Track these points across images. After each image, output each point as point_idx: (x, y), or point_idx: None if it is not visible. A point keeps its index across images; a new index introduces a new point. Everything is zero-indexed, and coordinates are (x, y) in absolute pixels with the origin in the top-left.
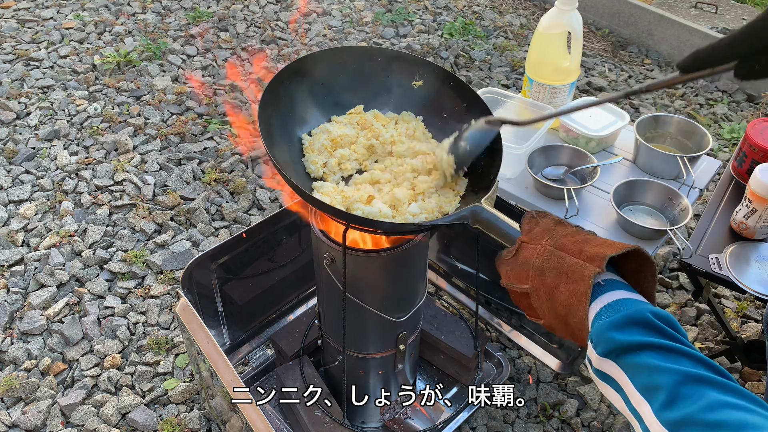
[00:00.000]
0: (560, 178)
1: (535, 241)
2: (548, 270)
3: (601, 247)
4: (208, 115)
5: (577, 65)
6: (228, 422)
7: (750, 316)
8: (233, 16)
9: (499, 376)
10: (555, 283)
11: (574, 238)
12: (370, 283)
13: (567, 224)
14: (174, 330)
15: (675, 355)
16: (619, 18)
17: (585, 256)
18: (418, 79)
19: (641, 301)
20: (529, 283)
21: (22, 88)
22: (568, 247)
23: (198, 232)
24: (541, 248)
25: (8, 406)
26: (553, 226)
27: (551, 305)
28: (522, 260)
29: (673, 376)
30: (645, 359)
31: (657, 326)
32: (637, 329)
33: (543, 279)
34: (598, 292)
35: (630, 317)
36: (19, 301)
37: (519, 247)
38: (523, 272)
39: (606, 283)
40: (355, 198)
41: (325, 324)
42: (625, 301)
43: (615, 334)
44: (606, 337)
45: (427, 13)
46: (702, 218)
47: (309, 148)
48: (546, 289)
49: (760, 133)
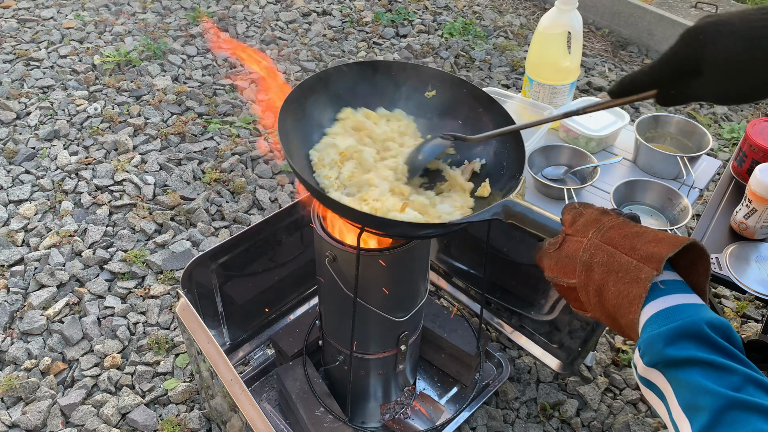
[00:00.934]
0: (560, 178)
1: (580, 234)
2: (596, 266)
3: (656, 244)
4: (208, 114)
5: (577, 65)
6: (228, 422)
7: (750, 316)
8: (233, 16)
9: (499, 376)
10: (604, 280)
11: (622, 231)
12: (372, 283)
13: (612, 214)
14: (174, 330)
15: (724, 373)
16: (619, 18)
17: (638, 254)
18: (431, 89)
19: (698, 306)
20: (576, 278)
21: (22, 88)
22: (618, 241)
23: (198, 232)
24: (588, 242)
25: (8, 406)
26: (599, 216)
27: (600, 301)
28: (567, 254)
29: (718, 400)
30: (692, 376)
31: (710, 339)
32: (689, 343)
33: (591, 275)
34: (653, 296)
35: (683, 329)
36: (19, 301)
37: (563, 240)
38: (569, 266)
39: (663, 285)
40: (388, 208)
41: (326, 324)
42: (680, 308)
43: (665, 347)
44: (655, 350)
45: (427, 13)
46: (702, 218)
47: (319, 164)
48: (594, 285)
49: (760, 133)
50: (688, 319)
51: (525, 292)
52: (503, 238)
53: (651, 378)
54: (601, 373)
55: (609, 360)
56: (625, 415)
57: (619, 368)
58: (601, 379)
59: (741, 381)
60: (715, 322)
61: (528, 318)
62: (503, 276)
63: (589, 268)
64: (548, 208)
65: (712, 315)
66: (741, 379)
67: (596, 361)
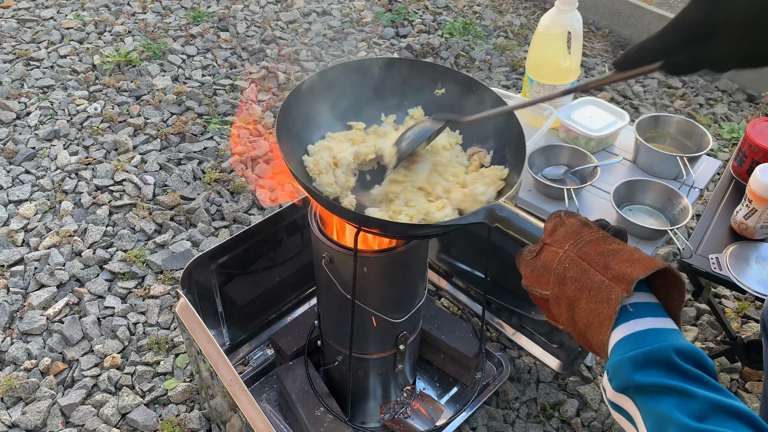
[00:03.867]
0: (560, 178)
1: (557, 244)
2: (569, 280)
3: (629, 265)
4: (208, 114)
5: (577, 65)
6: (228, 422)
7: (750, 316)
8: (233, 15)
9: (499, 376)
10: (576, 296)
11: (599, 247)
12: (369, 284)
13: (593, 228)
14: (174, 330)
15: (690, 400)
16: (619, 18)
17: (611, 274)
18: (441, 87)
19: (668, 331)
20: (550, 289)
21: (22, 88)
22: (593, 258)
23: (198, 232)
24: (563, 254)
25: (8, 406)
26: (579, 228)
27: (571, 317)
28: (543, 263)
29: (682, 430)
30: (660, 404)
31: (678, 366)
32: (658, 370)
33: (564, 288)
34: (623, 318)
35: (651, 355)
36: (19, 301)
37: (541, 249)
38: (543, 276)
39: (633, 308)
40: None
41: (324, 324)
42: (649, 332)
43: (633, 373)
44: (623, 375)
45: (427, 12)
46: (702, 218)
47: (314, 169)
48: (567, 299)
49: (760, 133)
50: (657, 345)
51: (525, 292)
52: (503, 237)
53: (620, 403)
54: (601, 373)
55: None
56: None
57: None
58: (601, 379)
59: (707, 408)
60: (685, 349)
61: (528, 318)
62: (503, 276)
63: (563, 282)
64: (548, 208)
65: (682, 342)
66: (707, 407)
67: (596, 361)
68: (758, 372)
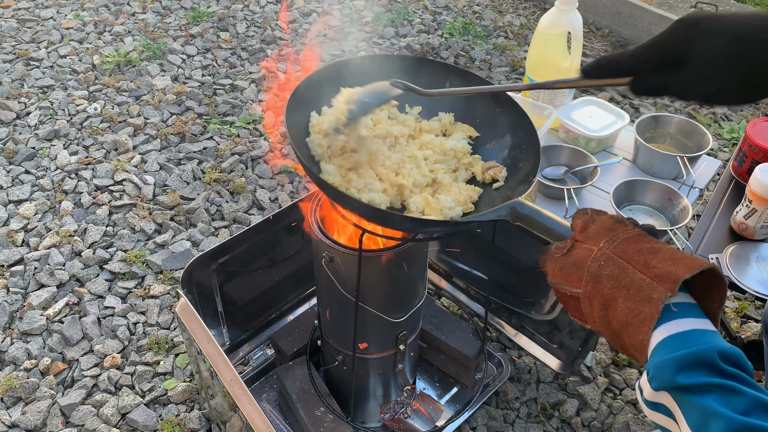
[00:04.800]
0: (560, 178)
1: (590, 241)
2: (605, 278)
3: (672, 264)
4: (208, 114)
5: (577, 65)
6: (228, 422)
7: (750, 316)
8: (233, 15)
9: (499, 376)
10: (613, 294)
11: (637, 246)
12: (369, 284)
13: (627, 224)
14: (174, 330)
15: (734, 396)
16: (619, 18)
17: (653, 273)
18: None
19: (710, 332)
20: (582, 287)
21: (22, 87)
22: (632, 256)
23: (198, 232)
24: (599, 251)
25: (8, 406)
26: (613, 225)
27: (605, 316)
28: (574, 261)
29: (727, 423)
30: (702, 400)
31: (721, 369)
32: (701, 371)
33: (598, 287)
34: (665, 318)
35: (696, 357)
36: (18, 301)
37: (572, 246)
38: (574, 274)
39: (676, 308)
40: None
41: (324, 324)
42: (693, 333)
43: (675, 375)
44: (666, 376)
45: (427, 12)
46: (702, 218)
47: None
48: (601, 298)
49: (760, 133)
50: (701, 346)
51: (525, 292)
52: (504, 237)
53: (659, 400)
54: (601, 373)
55: (609, 360)
56: (625, 414)
57: (619, 368)
58: (601, 379)
59: (750, 405)
60: (728, 352)
61: (528, 318)
62: (504, 276)
63: (597, 280)
64: (548, 209)
65: (724, 344)
66: (750, 403)
67: (596, 361)
68: (758, 372)
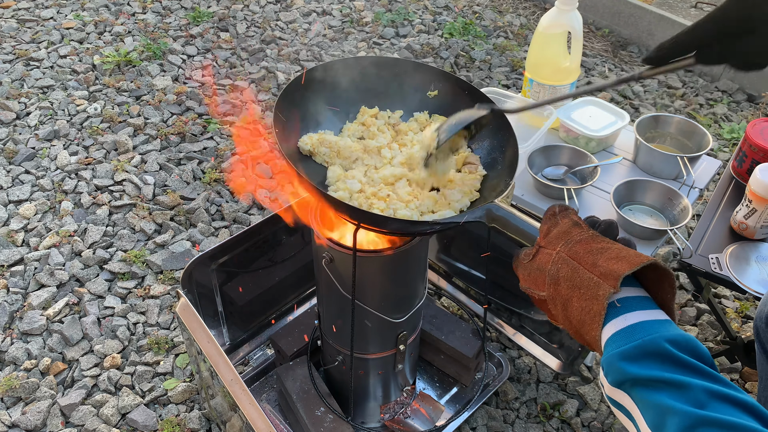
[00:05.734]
0: (560, 178)
1: (551, 246)
2: (562, 280)
3: (617, 261)
4: (207, 114)
5: (577, 65)
6: (228, 422)
7: (750, 316)
8: (233, 16)
9: (499, 377)
10: (569, 294)
11: (588, 246)
12: (369, 284)
13: (583, 227)
14: (174, 330)
15: (687, 390)
16: (619, 18)
17: (599, 271)
18: (434, 89)
19: (659, 322)
20: (546, 290)
21: (22, 88)
22: (582, 256)
23: (198, 232)
24: (556, 255)
25: (8, 406)
26: (569, 228)
27: (566, 316)
28: (538, 265)
29: (684, 419)
30: (657, 396)
31: (672, 356)
32: (651, 361)
33: (558, 288)
34: (613, 314)
35: (643, 348)
36: (19, 301)
37: (537, 251)
38: (539, 278)
39: (621, 303)
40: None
41: (324, 324)
42: (639, 326)
43: (626, 366)
44: (617, 368)
45: (427, 12)
46: (702, 218)
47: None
48: (561, 299)
49: (760, 133)
50: (647, 337)
51: (524, 292)
52: (504, 237)
53: (618, 399)
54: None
55: None
56: None
57: None
58: (600, 379)
59: (705, 398)
60: (678, 339)
61: (528, 318)
62: (503, 275)
63: (556, 282)
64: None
65: (674, 331)
66: (704, 396)
67: (596, 361)
68: (752, 371)
